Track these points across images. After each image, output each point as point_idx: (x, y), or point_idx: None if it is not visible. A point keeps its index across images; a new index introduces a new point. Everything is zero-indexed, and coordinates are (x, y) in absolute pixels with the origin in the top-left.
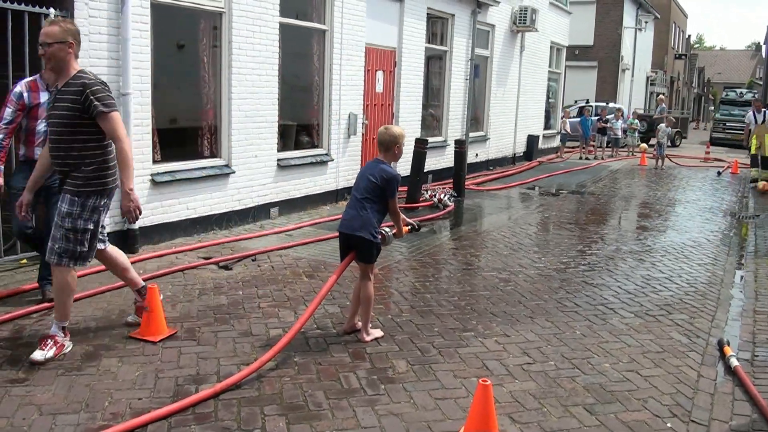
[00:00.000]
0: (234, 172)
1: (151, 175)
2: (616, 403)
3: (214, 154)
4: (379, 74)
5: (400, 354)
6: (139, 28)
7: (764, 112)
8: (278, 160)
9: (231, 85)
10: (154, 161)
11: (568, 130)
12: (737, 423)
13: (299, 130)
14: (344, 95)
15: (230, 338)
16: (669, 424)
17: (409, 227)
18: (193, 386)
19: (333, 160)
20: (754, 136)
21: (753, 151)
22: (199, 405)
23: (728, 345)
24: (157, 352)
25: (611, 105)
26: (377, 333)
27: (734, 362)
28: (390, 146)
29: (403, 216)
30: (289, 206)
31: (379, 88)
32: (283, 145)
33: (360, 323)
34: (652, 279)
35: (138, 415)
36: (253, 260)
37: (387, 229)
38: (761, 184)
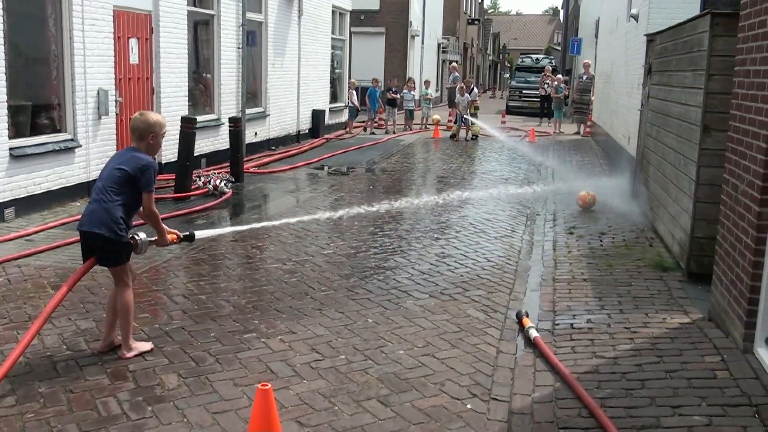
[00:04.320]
0: None
1: None
2: (412, 391)
3: None
4: (133, 42)
5: (171, 367)
6: None
7: (473, 89)
8: (10, 149)
9: None
10: None
11: (356, 103)
12: (540, 394)
13: (36, 111)
14: (90, 68)
15: None
16: (469, 405)
17: (181, 237)
18: None
19: (81, 146)
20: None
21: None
22: None
23: (527, 316)
24: None
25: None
26: (143, 346)
27: (534, 333)
28: (143, 135)
29: (171, 230)
30: (28, 205)
31: (134, 59)
32: (15, 131)
33: (120, 338)
34: (448, 256)
35: None
36: None
37: (141, 234)
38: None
